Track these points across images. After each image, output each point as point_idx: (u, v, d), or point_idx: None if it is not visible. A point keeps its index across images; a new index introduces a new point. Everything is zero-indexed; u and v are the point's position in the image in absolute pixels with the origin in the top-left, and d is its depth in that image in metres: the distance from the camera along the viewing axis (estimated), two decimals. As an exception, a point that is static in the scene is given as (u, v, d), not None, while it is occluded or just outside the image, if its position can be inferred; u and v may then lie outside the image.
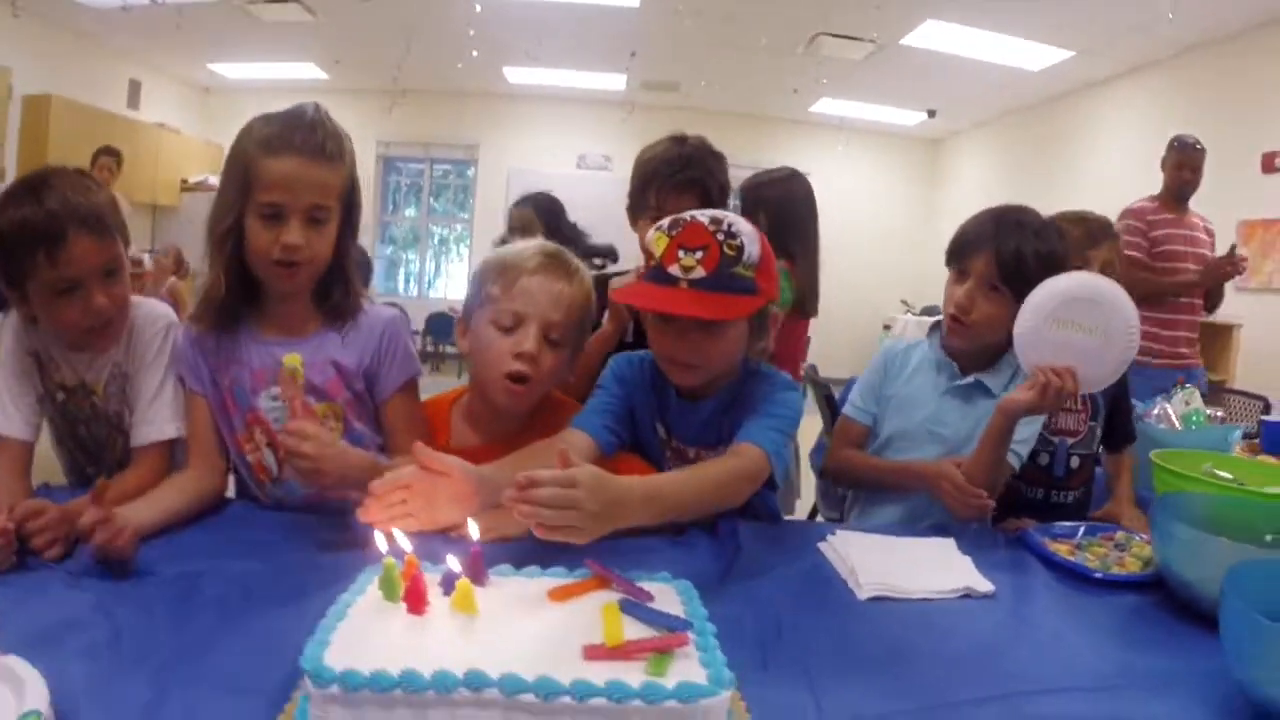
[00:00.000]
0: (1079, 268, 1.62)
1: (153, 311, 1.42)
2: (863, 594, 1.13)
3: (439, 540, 1.05)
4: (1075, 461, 1.72)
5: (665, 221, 1.25)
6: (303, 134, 1.26)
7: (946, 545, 1.32)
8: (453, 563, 0.86)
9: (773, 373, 1.37)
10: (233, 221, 1.27)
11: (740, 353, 1.32)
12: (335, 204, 1.31)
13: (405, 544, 0.91)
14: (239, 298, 1.34)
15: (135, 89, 8.17)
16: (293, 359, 1.23)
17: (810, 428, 2.00)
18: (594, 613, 0.81)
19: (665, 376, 1.36)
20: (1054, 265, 1.50)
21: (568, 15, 6.52)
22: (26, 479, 1.36)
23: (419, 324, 8.83)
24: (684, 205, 1.52)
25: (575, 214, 3.75)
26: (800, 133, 9.75)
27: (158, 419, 1.36)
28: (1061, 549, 1.32)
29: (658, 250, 1.22)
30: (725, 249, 1.19)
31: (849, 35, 6.46)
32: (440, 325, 9.43)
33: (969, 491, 1.43)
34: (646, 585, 0.90)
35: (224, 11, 6.55)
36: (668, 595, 0.89)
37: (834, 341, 6.41)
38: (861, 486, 1.75)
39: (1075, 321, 1.39)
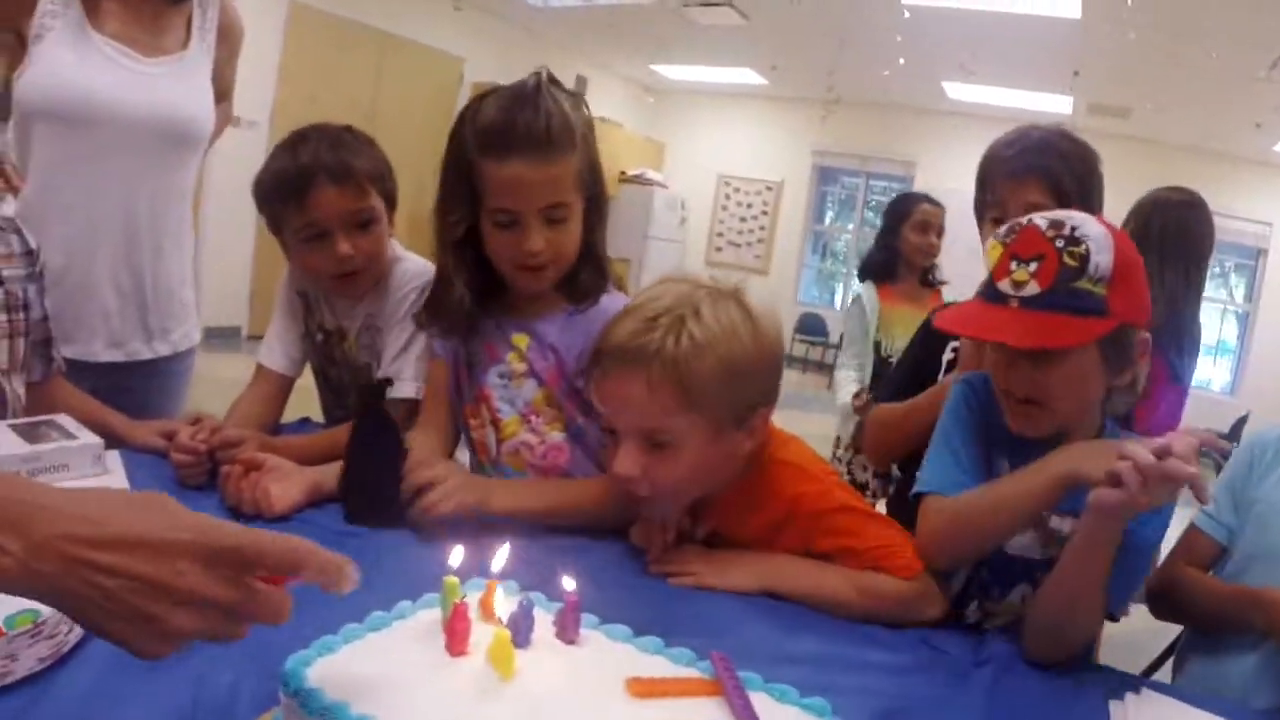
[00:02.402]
0: None
1: (411, 269, 1.42)
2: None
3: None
4: None
5: (1003, 228, 1.04)
6: (525, 123, 1.13)
7: None
8: (529, 601, 0.66)
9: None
10: (465, 231, 1.20)
11: (1095, 393, 1.03)
12: (574, 196, 1.19)
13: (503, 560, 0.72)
14: (482, 294, 1.26)
15: (581, 84, 8.97)
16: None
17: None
18: (664, 728, 0.56)
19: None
20: None
21: (1002, 27, 5.89)
22: (275, 408, 1.45)
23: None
24: (1024, 200, 1.29)
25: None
26: (1263, 177, 7.80)
27: (399, 377, 1.35)
28: None
29: (990, 262, 1.03)
30: (1065, 259, 0.96)
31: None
32: (811, 323, 9.39)
33: None
34: (777, 710, 0.62)
35: (659, 13, 6.92)
36: (798, 732, 0.60)
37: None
38: (1192, 620, 1.28)
39: None
